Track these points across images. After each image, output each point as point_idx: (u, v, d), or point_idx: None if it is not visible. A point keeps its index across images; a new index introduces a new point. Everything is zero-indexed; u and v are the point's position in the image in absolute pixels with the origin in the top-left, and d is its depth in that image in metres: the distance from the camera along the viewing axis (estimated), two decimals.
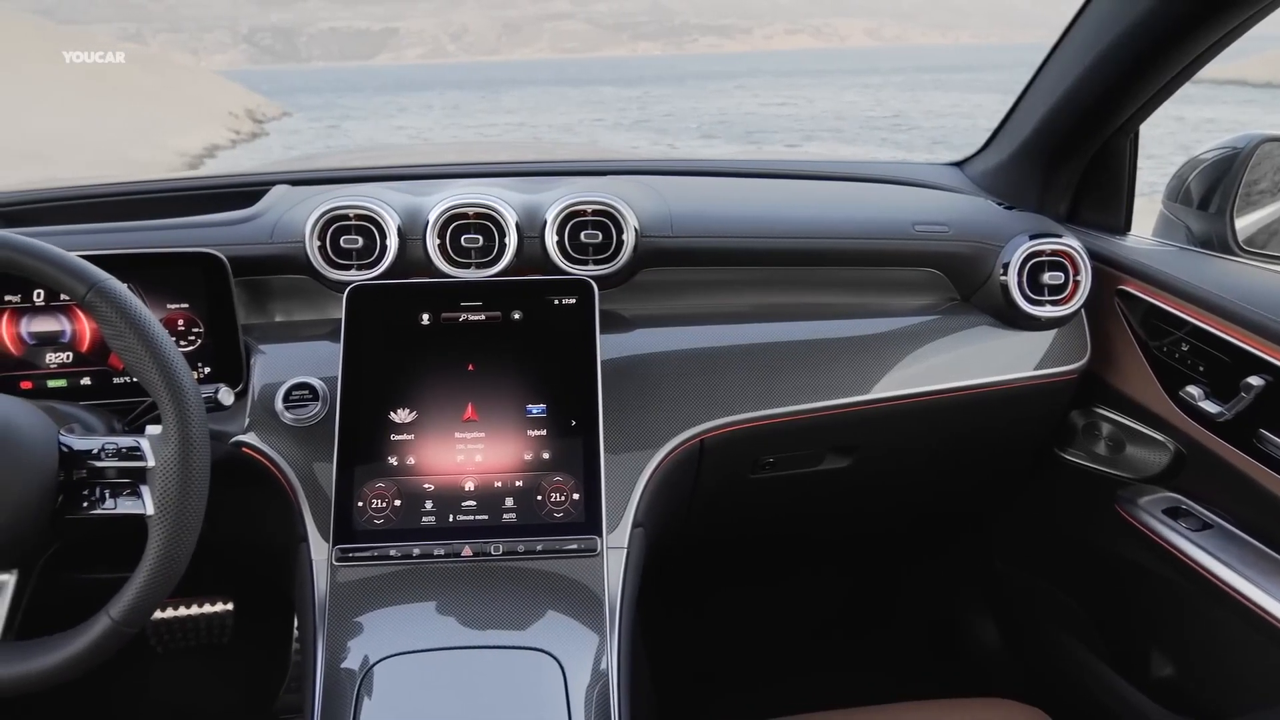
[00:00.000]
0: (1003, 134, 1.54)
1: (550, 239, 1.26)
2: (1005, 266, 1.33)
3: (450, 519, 1.11)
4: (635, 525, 1.16)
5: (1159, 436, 1.32)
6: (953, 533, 1.92)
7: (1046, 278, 1.33)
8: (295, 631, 1.89)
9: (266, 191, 1.39)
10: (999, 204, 1.48)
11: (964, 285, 1.40)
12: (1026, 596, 1.76)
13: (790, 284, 1.39)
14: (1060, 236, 1.34)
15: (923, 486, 1.63)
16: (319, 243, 1.24)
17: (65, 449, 0.94)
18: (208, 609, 1.88)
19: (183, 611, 1.84)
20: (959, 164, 1.66)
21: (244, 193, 1.42)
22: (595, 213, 1.27)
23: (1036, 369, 1.36)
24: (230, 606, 1.88)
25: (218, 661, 1.90)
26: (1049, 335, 1.37)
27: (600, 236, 1.27)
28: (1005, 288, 1.33)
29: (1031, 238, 1.34)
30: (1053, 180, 1.47)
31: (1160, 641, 1.42)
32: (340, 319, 1.17)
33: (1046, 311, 1.33)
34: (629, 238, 1.27)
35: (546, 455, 1.14)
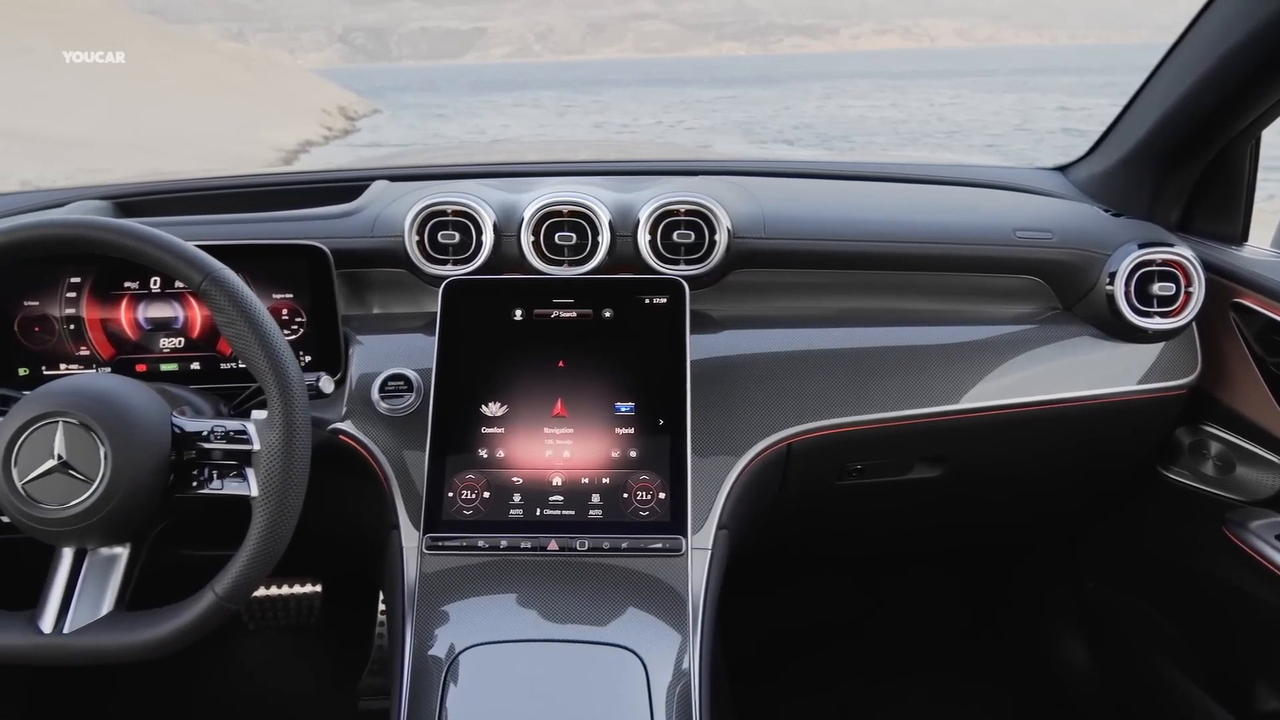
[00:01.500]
0: (1111, 138, 1.48)
1: (643, 238, 1.26)
2: (1112, 276, 1.28)
3: (537, 513, 1.12)
4: (720, 527, 1.15)
5: (1274, 458, 1.25)
6: (1042, 548, 1.86)
7: (1156, 288, 1.27)
8: (379, 616, 1.94)
9: (366, 187, 1.43)
10: (1105, 211, 1.42)
11: (1066, 294, 1.35)
12: (1119, 617, 1.69)
13: (882, 288, 1.37)
14: (1172, 245, 1.29)
15: (1014, 500, 1.59)
16: (417, 237, 1.26)
17: (178, 430, 0.98)
18: (297, 590, 1.94)
19: (274, 591, 1.91)
20: (1062, 169, 1.61)
21: (344, 188, 1.46)
22: (688, 213, 1.27)
23: (1141, 383, 1.31)
24: (319, 588, 1.94)
25: (305, 641, 1.96)
26: (1155, 348, 1.32)
27: (693, 236, 1.26)
28: (1111, 298, 1.28)
29: (1141, 246, 1.29)
30: (1164, 187, 1.41)
31: (1266, 672, 1.36)
32: (435, 312, 1.20)
33: (1155, 323, 1.28)
34: (721, 238, 1.26)
35: (634, 453, 1.14)
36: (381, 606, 1.94)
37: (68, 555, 0.97)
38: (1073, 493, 1.58)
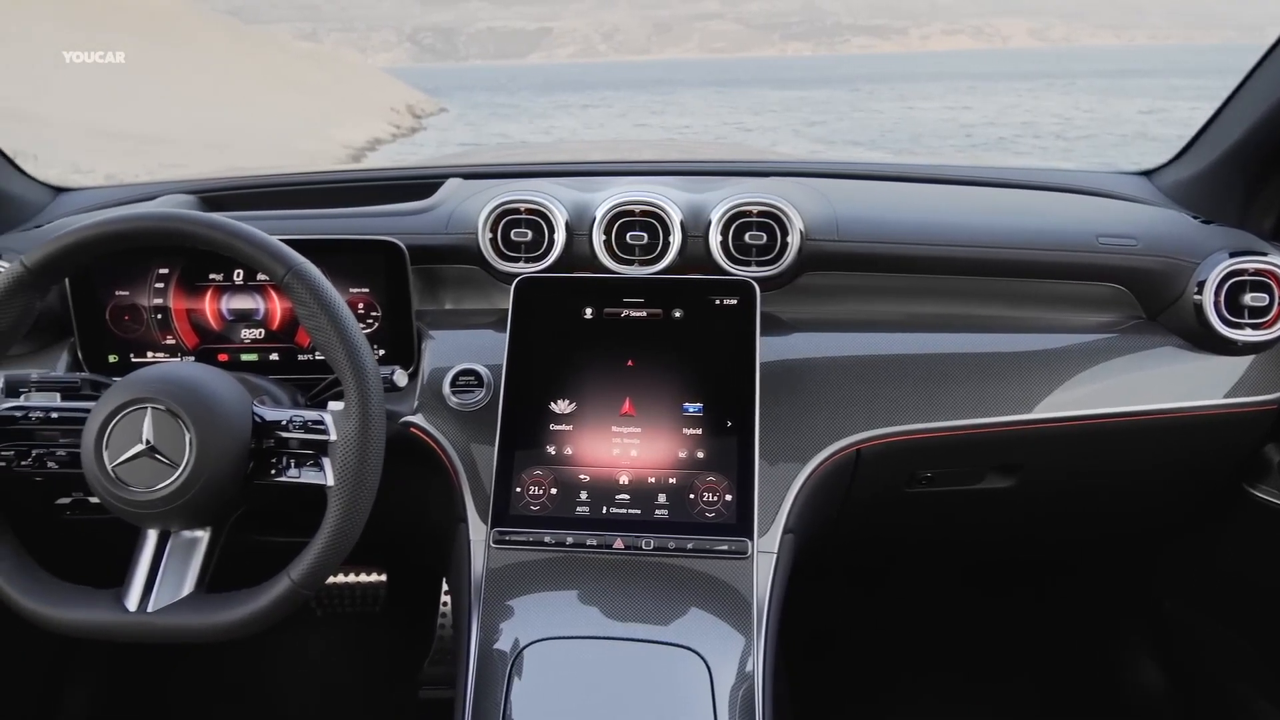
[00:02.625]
0: (1201, 142, 1.43)
1: (714, 239, 1.26)
2: (1200, 285, 1.24)
3: (604, 511, 1.12)
4: (786, 531, 1.14)
5: None
6: (1116, 564, 1.81)
7: (1248, 299, 1.22)
8: (441, 607, 1.97)
9: (438, 184, 1.45)
10: (1194, 218, 1.38)
11: (1151, 303, 1.31)
12: (1197, 639, 1.63)
13: (957, 294, 1.34)
14: (1266, 255, 1.24)
15: (1091, 514, 1.54)
16: (490, 235, 1.28)
17: (258, 419, 1.01)
18: (363, 579, 1.98)
19: (342, 580, 1.95)
20: (1147, 173, 1.56)
21: (417, 185, 1.48)
22: (760, 214, 1.26)
23: (1229, 397, 1.26)
24: (384, 578, 1.97)
25: (369, 629, 2.00)
26: (1245, 361, 1.27)
27: (764, 238, 1.25)
28: (1199, 308, 1.24)
29: (1232, 255, 1.24)
30: (1259, 193, 1.35)
31: None
32: (507, 309, 1.21)
33: (1245, 335, 1.23)
34: (794, 240, 1.25)
35: (701, 454, 1.14)
36: (444, 598, 1.97)
37: (152, 537, 1.00)
38: (1152, 510, 1.53)
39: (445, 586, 2.02)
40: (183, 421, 0.95)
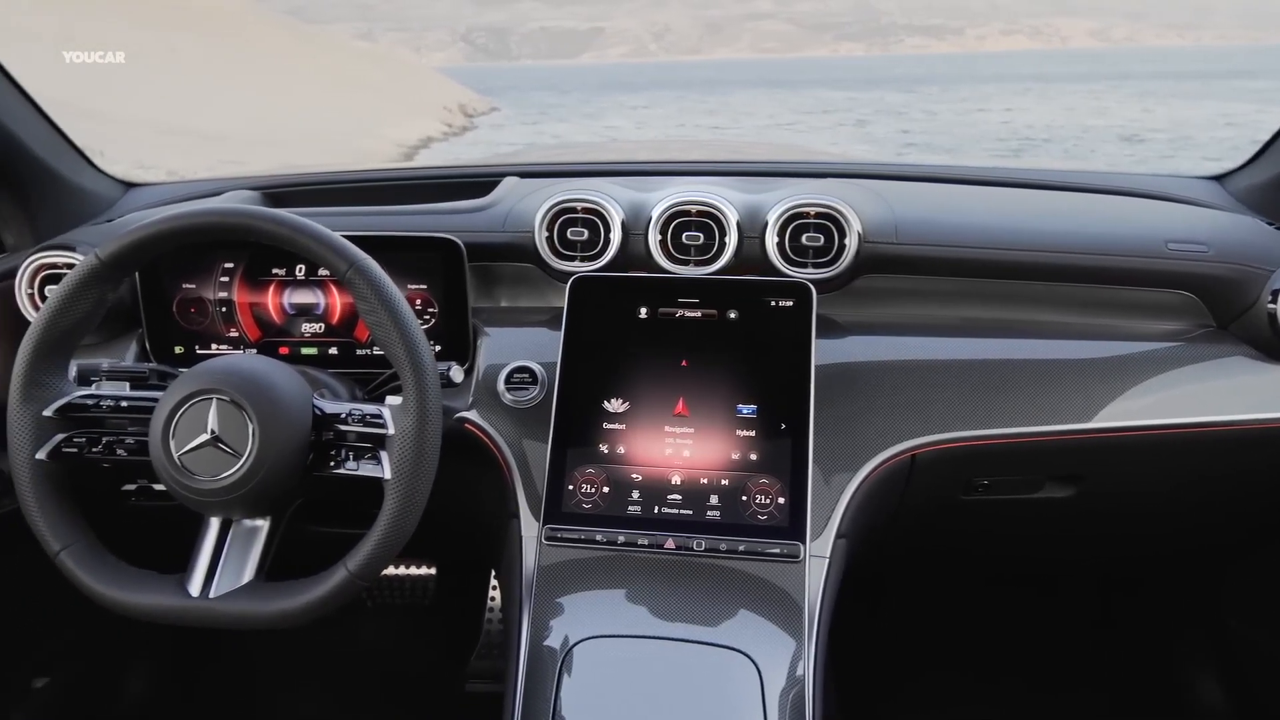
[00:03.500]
0: (1276, 147, 1.39)
1: (771, 240, 1.25)
2: (1275, 294, 1.20)
3: (655, 510, 1.12)
4: (839, 536, 1.13)
5: None
6: (1180, 579, 1.76)
7: None
8: (489, 601, 1.98)
9: (494, 183, 1.46)
10: (1269, 224, 1.33)
11: (1221, 311, 1.27)
12: (1265, 661, 1.58)
13: (1017, 299, 1.32)
14: None
15: (1154, 528, 1.50)
16: (547, 233, 1.28)
17: (318, 412, 1.02)
18: (414, 571, 2.00)
19: (392, 571, 1.98)
20: (1218, 178, 1.51)
21: (474, 183, 1.50)
22: (818, 215, 1.25)
23: None
24: (433, 571, 1.99)
25: (418, 621, 2.03)
26: None
27: (822, 240, 1.24)
28: (1273, 317, 1.20)
29: None
30: None
31: None
32: (562, 308, 1.22)
33: None
34: (851, 242, 1.24)
35: (754, 456, 1.13)
36: (492, 592, 1.99)
37: (215, 525, 1.02)
38: (1219, 525, 1.49)
39: (493, 581, 2.03)
40: (246, 413, 0.97)
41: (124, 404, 1.04)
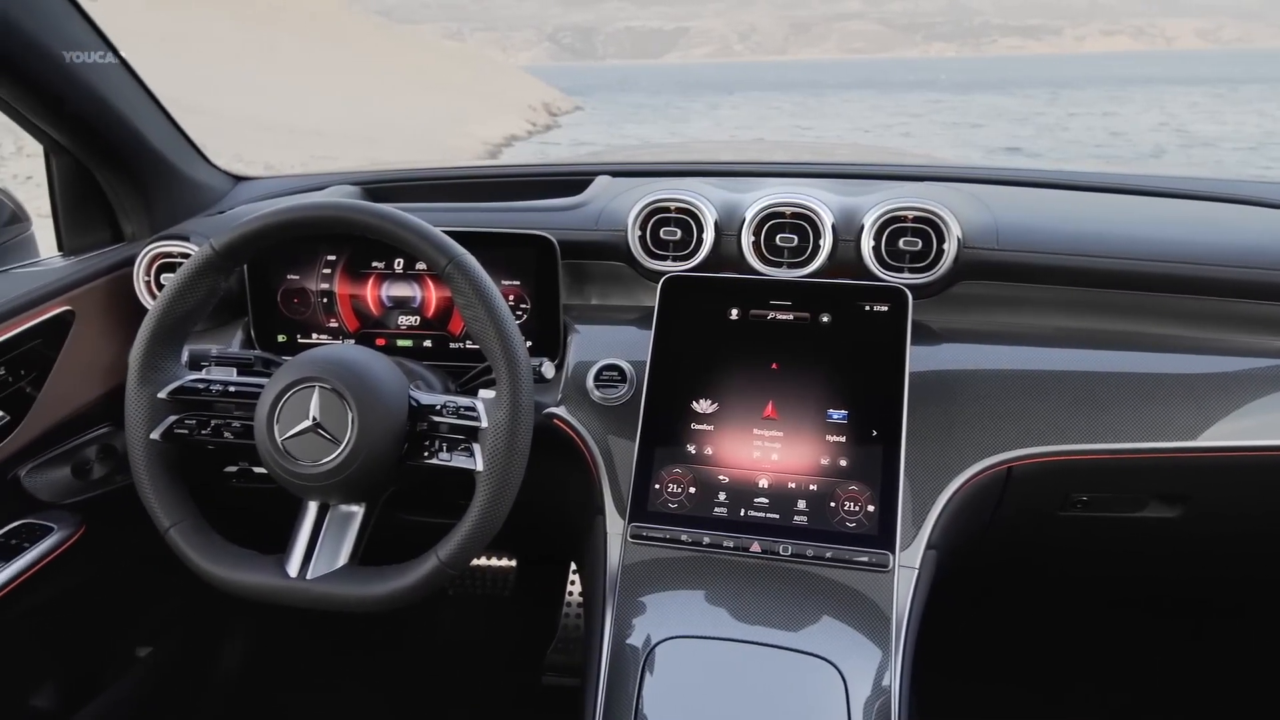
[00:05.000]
0: None
1: (867, 243, 1.23)
2: None
3: (742, 513, 1.12)
4: (929, 547, 1.11)
5: None
6: None
7: None
8: (566, 596, 2.00)
9: (587, 182, 1.47)
10: None
11: None
12: None
13: (1123, 309, 1.27)
14: None
15: (1262, 551, 1.43)
16: (640, 232, 1.29)
17: (414, 403, 1.05)
18: (494, 562, 2.04)
19: (474, 562, 2.01)
20: None
21: (567, 181, 1.51)
22: (916, 219, 1.22)
23: None
24: (513, 563, 2.02)
25: (497, 612, 2.06)
26: None
27: (920, 244, 1.22)
28: None
29: None
30: None
31: None
32: (652, 307, 1.22)
33: None
34: (950, 247, 1.21)
35: (844, 462, 1.11)
36: (570, 587, 2.00)
37: (312, 509, 1.05)
38: None
39: (572, 576, 2.05)
40: (347, 402, 1.00)
41: (231, 389, 1.08)
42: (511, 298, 1.29)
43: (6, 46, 1.12)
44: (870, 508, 1.09)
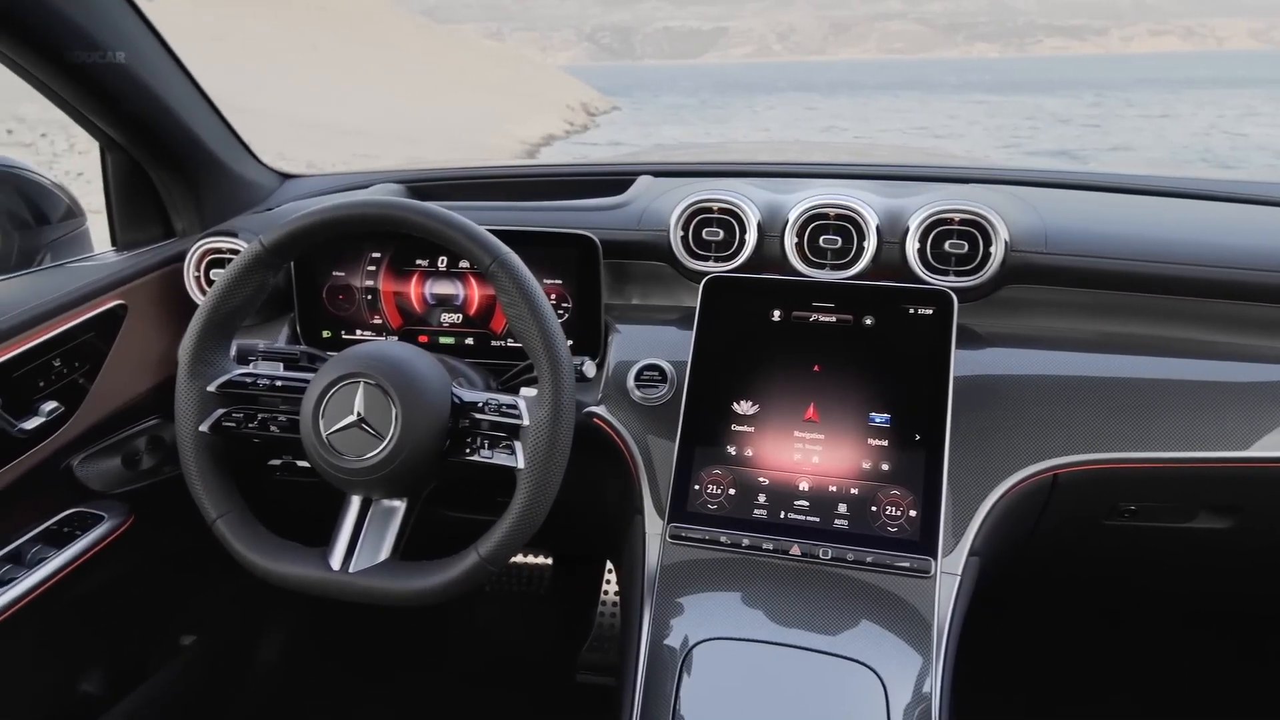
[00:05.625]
0: None
1: (911, 246, 1.22)
2: None
3: (782, 515, 1.11)
4: (972, 553, 1.10)
5: None
6: None
7: None
8: (601, 595, 2.01)
9: (628, 182, 1.47)
10: None
11: None
12: None
13: (1173, 315, 1.24)
14: None
15: None
16: (682, 233, 1.29)
17: (456, 400, 1.05)
18: (531, 560, 2.05)
19: (512, 559, 2.02)
20: None
21: (608, 181, 1.51)
22: (962, 221, 1.21)
23: None
24: (549, 561, 2.03)
25: (533, 610, 2.07)
26: None
27: (966, 247, 1.20)
28: None
29: None
30: None
31: None
32: (693, 307, 1.22)
33: None
34: (998, 250, 1.19)
35: (886, 466, 1.10)
36: (605, 586, 2.01)
37: (355, 503, 1.06)
38: None
39: (607, 575, 2.06)
40: (391, 397, 1.00)
41: (278, 383, 1.10)
42: (553, 296, 1.30)
43: (67, 46, 1.14)
44: (912, 512, 1.08)
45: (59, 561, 1.21)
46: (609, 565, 2.06)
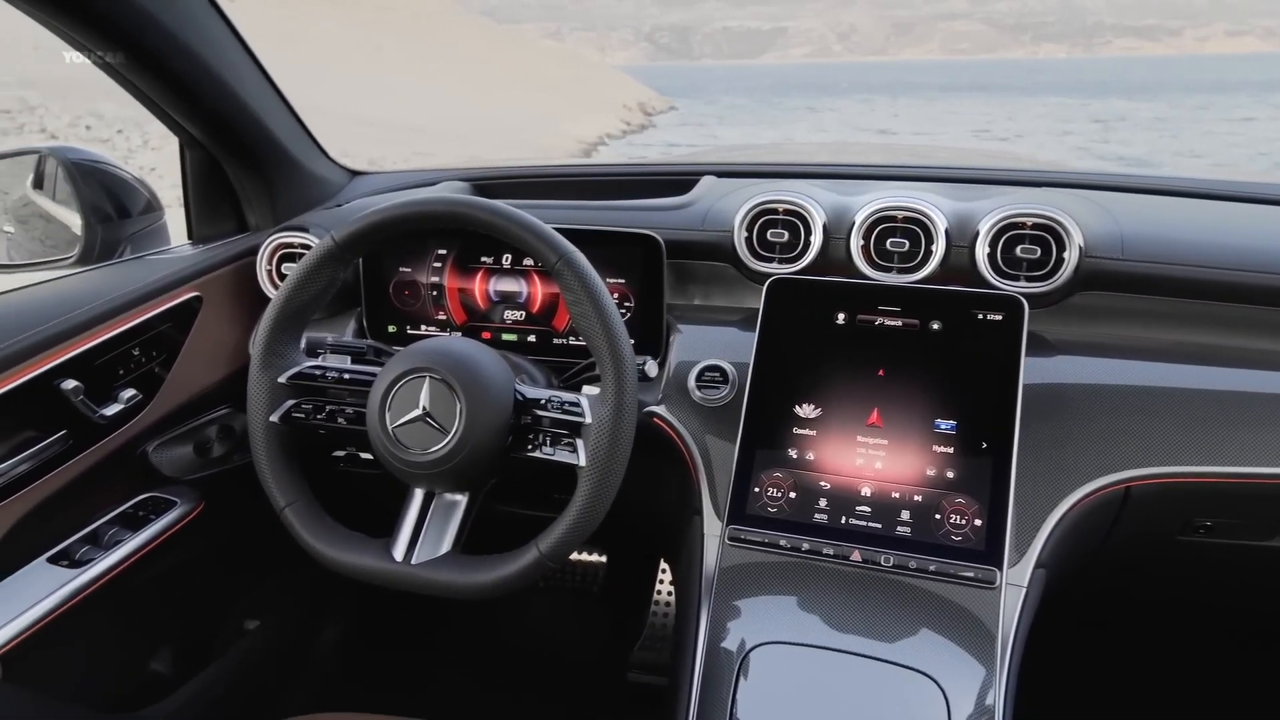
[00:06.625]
0: None
1: (981, 250, 1.19)
2: None
3: (843, 520, 1.10)
4: (1038, 565, 1.07)
5: None
6: None
7: None
8: (654, 595, 2.01)
9: (691, 181, 1.47)
10: None
11: None
12: None
13: (1254, 326, 1.20)
14: None
15: None
16: (746, 234, 1.28)
17: (519, 397, 1.06)
18: (585, 558, 2.05)
19: None
20: None
21: (671, 181, 1.51)
22: (1035, 226, 1.18)
23: None
24: (604, 559, 2.03)
25: (586, 607, 2.07)
26: None
27: (1038, 252, 1.18)
28: None
29: None
30: None
31: None
32: (755, 309, 1.21)
33: None
34: (1071, 256, 1.17)
35: (951, 474, 1.08)
36: (658, 585, 2.01)
37: (418, 496, 1.08)
38: None
39: (660, 575, 2.06)
40: (456, 393, 1.01)
41: (346, 376, 1.12)
42: (616, 295, 1.30)
43: (152, 45, 1.18)
44: (977, 521, 1.06)
45: (134, 544, 1.24)
46: (663, 564, 2.06)
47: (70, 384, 1.15)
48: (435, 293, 1.37)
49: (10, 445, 1.09)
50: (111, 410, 1.20)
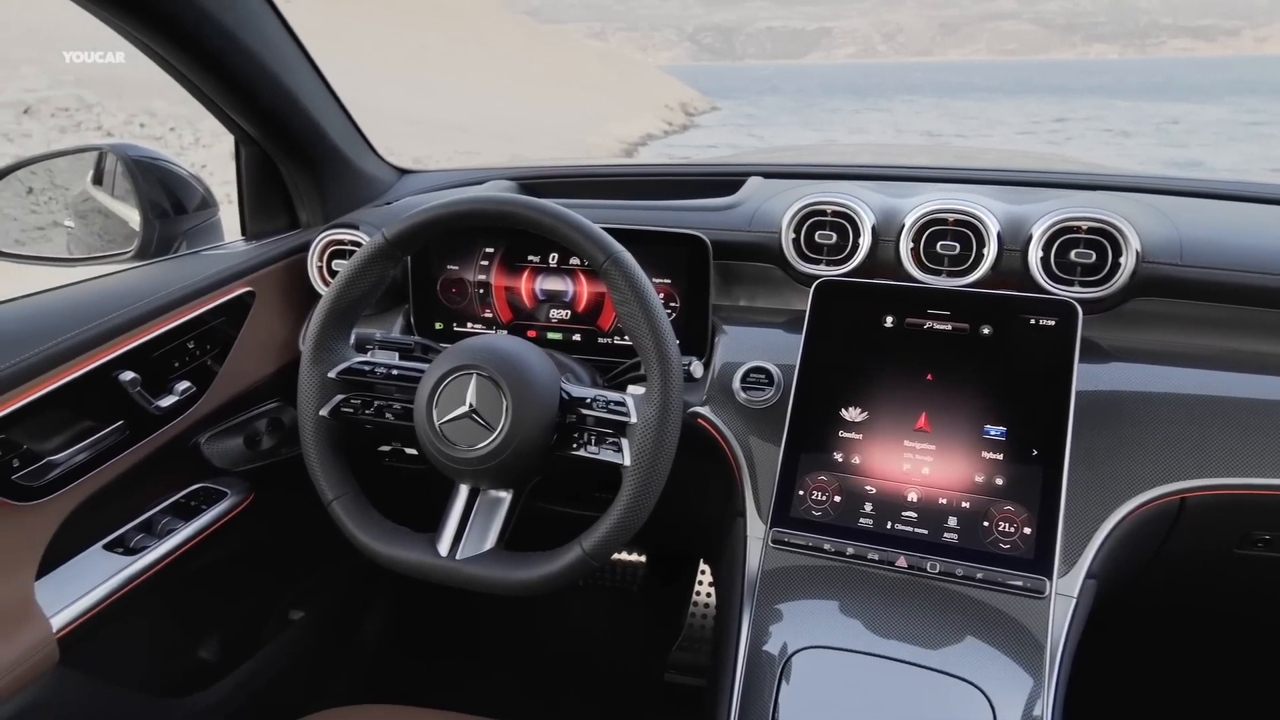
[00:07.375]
0: None
1: (1034, 254, 1.17)
2: None
3: (888, 526, 1.09)
4: (1089, 576, 1.05)
5: None
6: None
7: None
8: (694, 595, 2.00)
9: (737, 182, 1.46)
10: None
11: None
12: None
13: None
14: None
15: None
16: (794, 235, 1.27)
17: (565, 395, 1.07)
18: (624, 557, 2.05)
19: None
20: None
21: (718, 182, 1.51)
22: (1090, 230, 1.16)
23: None
24: (643, 559, 2.03)
25: (624, 607, 2.08)
26: None
27: (1093, 257, 1.15)
28: None
29: None
30: None
31: None
32: (802, 310, 1.20)
33: None
34: (1128, 261, 1.14)
35: (999, 481, 1.07)
36: (698, 586, 2.00)
37: (464, 492, 1.08)
38: None
39: (699, 576, 2.05)
40: (502, 390, 1.02)
41: (394, 372, 1.13)
42: (662, 296, 1.30)
43: (212, 44, 1.20)
44: (1027, 530, 1.04)
45: (186, 533, 1.27)
46: (702, 565, 2.05)
47: (128, 375, 1.17)
48: (482, 291, 1.38)
49: (70, 434, 1.12)
50: (167, 402, 1.23)
